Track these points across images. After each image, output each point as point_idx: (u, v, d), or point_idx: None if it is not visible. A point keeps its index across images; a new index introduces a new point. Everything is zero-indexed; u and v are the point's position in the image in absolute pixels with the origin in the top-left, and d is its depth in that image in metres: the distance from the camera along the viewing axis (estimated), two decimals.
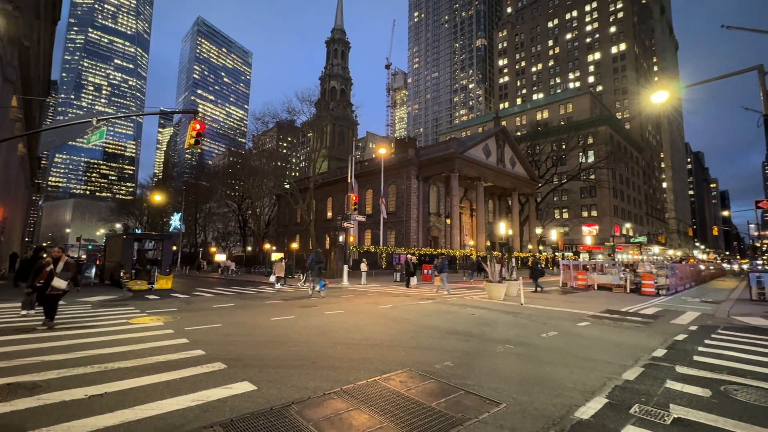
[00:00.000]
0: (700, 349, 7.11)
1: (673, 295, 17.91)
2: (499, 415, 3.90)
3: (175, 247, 40.54)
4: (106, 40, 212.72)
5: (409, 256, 21.20)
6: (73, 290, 9.13)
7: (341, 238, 25.46)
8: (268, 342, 7.13)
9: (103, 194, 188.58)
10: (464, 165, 39.80)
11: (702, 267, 32.33)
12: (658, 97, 13.14)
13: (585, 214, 69.94)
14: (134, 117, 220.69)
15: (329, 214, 49.86)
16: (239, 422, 3.65)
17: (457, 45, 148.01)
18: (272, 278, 19.62)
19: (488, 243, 38.79)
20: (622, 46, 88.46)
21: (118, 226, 71.76)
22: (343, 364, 5.67)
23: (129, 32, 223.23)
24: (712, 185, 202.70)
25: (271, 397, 4.30)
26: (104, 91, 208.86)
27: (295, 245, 52.16)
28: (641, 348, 7.10)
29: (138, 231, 58.89)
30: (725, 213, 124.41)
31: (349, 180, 24.58)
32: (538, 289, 18.42)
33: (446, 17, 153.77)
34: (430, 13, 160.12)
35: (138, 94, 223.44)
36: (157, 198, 50.21)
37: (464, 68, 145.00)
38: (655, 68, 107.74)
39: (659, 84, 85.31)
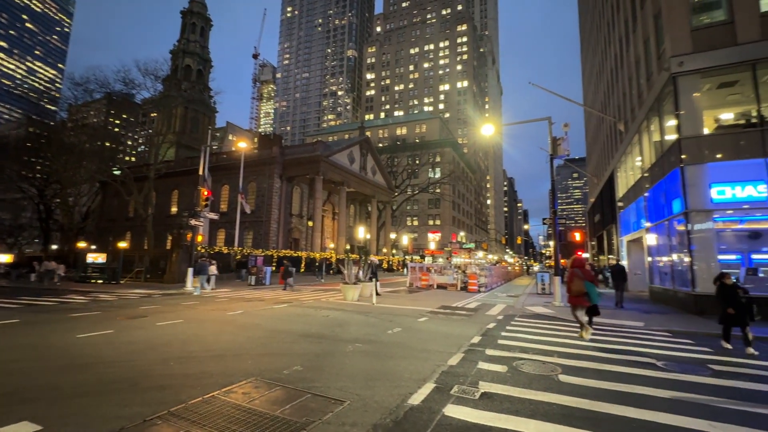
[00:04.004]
0: (503, 333, 8.93)
1: (490, 291, 22.05)
2: (342, 413, 4.03)
3: None
4: None
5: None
6: None
7: (188, 237, 22.36)
8: (69, 366, 5.65)
9: None
10: (329, 169, 40.42)
11: (509, 268, 40.92)
12: (487, 129, 16.11)
13: (431, 222, 79.92)
14: None
15: (174, 209, 43.27)
16: None
17: (329, 50, 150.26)
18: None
19: (348, 246, 40.22)
20: (465, 83, 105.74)
21: None
22: (174, 382, 4.93)
23: None
24: (519, 204, 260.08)
25: None
26: None
27: (123, 244, 43.37)
28: (464, 337, 8.47)
29: None
30: (526, 227, 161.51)
31: (201, 172, 21.72)
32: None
33: (320, 20, 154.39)
34: (304, 12, 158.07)
35: None
36: None
37: (335, 75, 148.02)
38: (486, 106, 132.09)
39: (488, 119, 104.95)
